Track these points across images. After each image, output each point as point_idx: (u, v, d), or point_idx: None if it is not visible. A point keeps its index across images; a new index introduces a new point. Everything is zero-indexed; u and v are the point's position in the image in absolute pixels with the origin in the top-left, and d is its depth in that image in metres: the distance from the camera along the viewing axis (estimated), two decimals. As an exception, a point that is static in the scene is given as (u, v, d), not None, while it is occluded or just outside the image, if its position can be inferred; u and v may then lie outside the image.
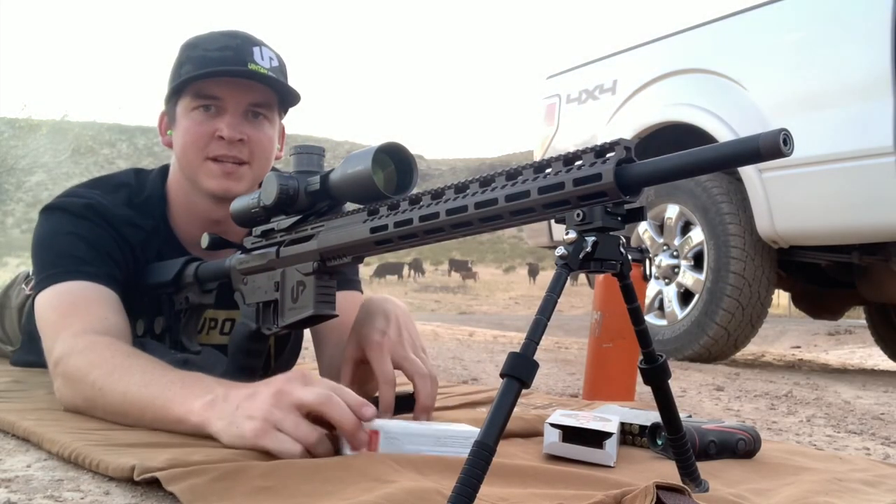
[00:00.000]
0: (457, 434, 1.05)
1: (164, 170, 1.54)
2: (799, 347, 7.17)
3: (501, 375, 0.75)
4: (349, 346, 1.28)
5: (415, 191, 1.05)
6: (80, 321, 1.24)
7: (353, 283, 1.56)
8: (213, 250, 1.30)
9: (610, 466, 1.08)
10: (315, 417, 0.97)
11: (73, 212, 1.38)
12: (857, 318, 7.61)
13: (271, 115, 1.44)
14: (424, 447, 1.01)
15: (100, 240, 1.37)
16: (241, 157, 1.40)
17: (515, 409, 0.76)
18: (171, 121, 1.45)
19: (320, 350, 1.52)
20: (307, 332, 1.51)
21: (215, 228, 1.45)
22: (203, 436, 1.02)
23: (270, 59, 1.42)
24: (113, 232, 1.39)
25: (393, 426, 1.02)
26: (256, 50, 1.40)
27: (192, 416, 1.02)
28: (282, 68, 1.44)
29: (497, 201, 0.86)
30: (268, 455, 0.94)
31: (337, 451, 1.00)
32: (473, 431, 1.04)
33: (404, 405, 1.23)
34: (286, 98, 1.46)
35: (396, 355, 1.22)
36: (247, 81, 1.39)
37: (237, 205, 1.29)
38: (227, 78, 1.37)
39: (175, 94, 1.42)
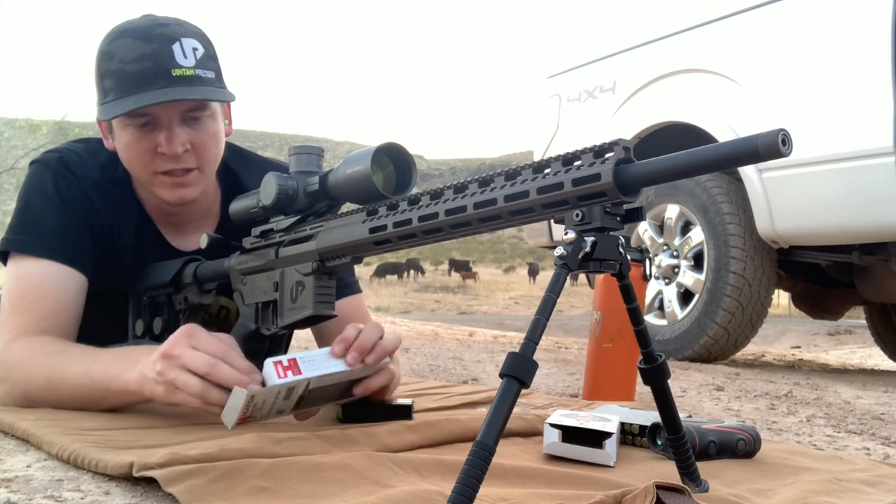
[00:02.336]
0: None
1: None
2: (799, 347, 7.18)
3: (501, 375, 0.75)
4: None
5: (414, 191, 1.05)
6: (22, 321, 1.30)
7: (351, 287, 1.56)
8: (212, 251, 1.30)
9: (610, 466, 1.08)
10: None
11: (48, 165, 1.39)
12: (857, 318, 7.61)
13: (209, 110, 1.36)
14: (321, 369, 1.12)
15: (70, 200, 1.37)
16: (188, 166, 1.35)
17: (515, 409, 0.76)
18: (108, 129, 1.39)
19: None
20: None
21: (174, 219, 1.47)
22: (198, 430, 1.06)
23: (194, 49, 1.31)
24: (82, 190, 1.39)
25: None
26: (176, 48, 1.29)
27: (131, 385, 1.15)
28: (208, 53, 1.34)
29: (496, 201, 0.86)
30: (267, 454, 0.94)
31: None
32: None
33: (400, 413, 1.23)
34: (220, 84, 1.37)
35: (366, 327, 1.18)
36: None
37: (236, 205, 1.29)
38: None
39: None
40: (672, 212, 3.66)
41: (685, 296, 3.59)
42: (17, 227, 1.37)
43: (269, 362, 1.08)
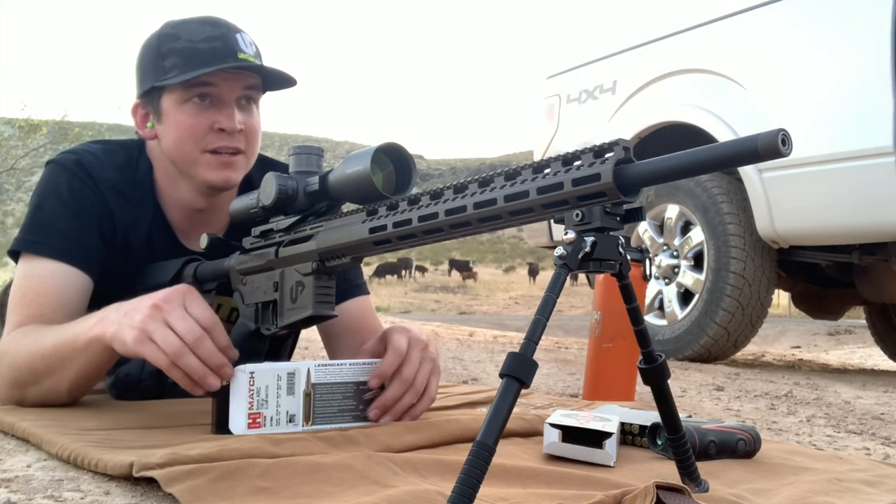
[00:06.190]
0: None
1: (141, 147, 1.50)
2: (799, 347, 7.17)
3: (501, 375, 0.75)
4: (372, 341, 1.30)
5: (414, 191, 1.05)
6: (20, 316, 1.32)
7: (359, 288, 1.56)
8: (212, 251, 1.30)
9: (610, 466, 1.08)
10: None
11: (64, 166, 1.41)
12: (857, 318, 7.60)
13: (258, 100, 1.44)
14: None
15: (83, 202, 1.39)
16: (239, 147, 1.40)
17: (515, 409, 0.76)
18: (154, 114, 1.42)
19: (336, 357, 1.53)
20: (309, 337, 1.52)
21: (197, 216, 1.48)
22: (198, 430, 1.06)
23: (251, 44, 1.41)
24: (97, 192, 1.41)
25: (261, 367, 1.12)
26: (239, 38, 1.39)
27: (92, 331, 1.15)
28: (259, 52, 1.44)
29: (496, 201, 0.86)
30: (267, 454, 0.94)
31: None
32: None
33: None
34: (267, 83, 1.46)
35: (413, 354, 1.22)
36: (238, 71, 1.38)
37: (236, 205, 1.29)
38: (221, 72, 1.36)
39: (159, 87, 1.38)
40: (672, 212, 3.66)
41: (685, 296, 3.59)
42: (28, 228, 1.39)
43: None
